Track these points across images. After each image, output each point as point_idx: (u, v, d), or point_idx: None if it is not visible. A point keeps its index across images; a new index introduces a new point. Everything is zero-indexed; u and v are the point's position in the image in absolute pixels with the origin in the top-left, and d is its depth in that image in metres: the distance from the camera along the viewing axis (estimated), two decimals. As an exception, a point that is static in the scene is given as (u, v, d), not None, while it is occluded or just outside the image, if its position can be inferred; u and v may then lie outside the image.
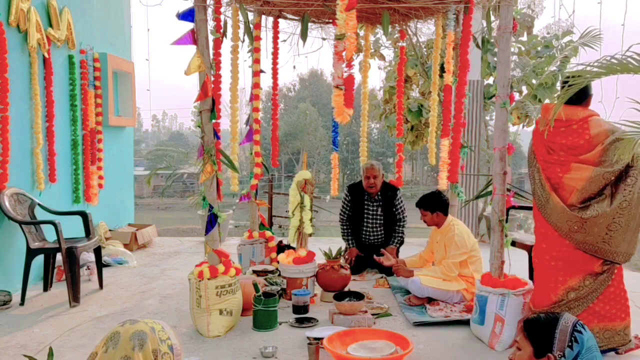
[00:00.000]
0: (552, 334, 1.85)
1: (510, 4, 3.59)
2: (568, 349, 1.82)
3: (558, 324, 1.87)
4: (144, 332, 1.69)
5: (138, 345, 1.66)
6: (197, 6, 3.71)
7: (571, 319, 1.89)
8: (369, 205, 5.31)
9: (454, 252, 4.22)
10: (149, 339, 1.69)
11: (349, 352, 3.20)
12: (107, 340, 1.69)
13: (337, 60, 3.36)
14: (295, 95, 40.11)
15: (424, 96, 7.71)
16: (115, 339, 1.67)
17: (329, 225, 12.95)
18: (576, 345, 1.82)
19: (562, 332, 1.85)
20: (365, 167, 5.27)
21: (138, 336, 1.68)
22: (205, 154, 3.78)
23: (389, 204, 5.28)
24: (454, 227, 4.33)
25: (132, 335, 1.67)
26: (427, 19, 5.57)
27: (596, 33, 4.09)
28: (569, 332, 1.84)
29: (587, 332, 1.86)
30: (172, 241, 7.37)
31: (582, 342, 1.82)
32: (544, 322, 1.89)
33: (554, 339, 1.85)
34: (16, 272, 4.66)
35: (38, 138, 5.07)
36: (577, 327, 1.86)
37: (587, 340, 1.83)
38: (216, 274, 3.73)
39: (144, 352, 1.66)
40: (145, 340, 1.68)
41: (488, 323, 3.53)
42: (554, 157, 3.42)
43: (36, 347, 3.58)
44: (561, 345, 1.83)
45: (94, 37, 6.19)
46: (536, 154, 3.51)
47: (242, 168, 8.40)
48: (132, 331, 1.68)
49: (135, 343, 1.66)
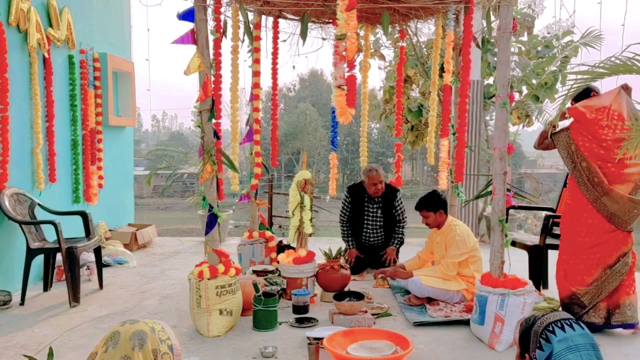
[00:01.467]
0: (529, 335, 1.87)
1: (510, 4, 3.59)
2: (538, 350, 1.82)
3: (534, 325, 1.87)
4: (144, 332, 1.69)
5: (138, 345, 1.66)
6: (197, 6, 3.71)
7: (550, 319, 1.86)
8: (369, 207, 5.30)
9: (454, 252, 4.22)
10: (149, 339, 1.69)
11: (349, 352, 3.20)
12: (107, 340, 1.69)
13: (338, 60, 3.36)
14: (295, 95, 40.10)
15: (424, 96, 7.71)
16: (115, 339, 1.67)
17: (329, 225, 12.95)
18: (547, 346, 1.80)
19: (534, 333, 1.86)
20: (370, 175, 5.17)
21: (138, 336, 1.68)
22: (205, 154, 3.78)
23: (389, 206, 5.27)
24: (455, 228, 4.32)
25: (132, 335, 1.67)
26: (427, 19, 5.56)
27: (597, 33, 4.11)
28: (539, 332, 1.84)
29: (565, 333, 1.80)
30: (172, 241, 7.37)
31: (554, 342, 1.79)
32: (526, 325, 1.92)
33: (529, 340, 1.86)
34: (16, 272, 4.66)
35: (38, 138, 5.07)
36: (550, 327, 1.83)
37: (562, 340, 1.79)
38: (216, 274, 3.73)
39: (143, 352, 1.66)
40: (145, 340, 1.68)
41: (488, 323, 3.53)
42: (609, 154, 3.64)
43: (36, 347, 3.58)
44: (533, 347, 1.84)
45: (94, 37, 6.19)
46: (584, 152, 3.69)
47: (242, 168, 8.40)
48: (132, 331, 1.68)
49: (135, 343, 1.66)
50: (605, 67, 2.44)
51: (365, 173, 5.25)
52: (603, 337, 3.66)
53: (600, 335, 3.66)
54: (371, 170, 5.21)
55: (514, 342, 3.39)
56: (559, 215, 4.87)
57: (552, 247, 4.70)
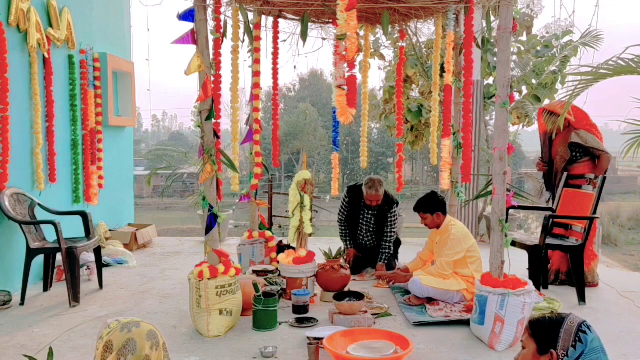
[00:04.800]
0: (557, 333, 1.88)
1: (510, 4, 3.59)
2: (572, 349, 1.84)
3: (564, 324, 1.89)
4: (153, 331, 1.74)
5: (155, 343, 1.71)
6: (197, 6, 3.71)
7: (577, 319, 1.90)
8: (365, 212, 5.30)
9: (448, 251, 4.24)
10: (159, 334, 1.74)
11: (349, 352, 3.20)
12: (119, 349, 1.67)
13: (338, 60, 3.36)
14: (295, 95, 40.06)
15: (423, 96, 7.70)
16: (130, 346, 1.67)
17: (329, 225, 12.94)
18: (580, 346, 1.83)
19: (566, 332, 1.87)
20: (369, 193, 5.08)
21: (152, 335, 1.72)
22: (205, 154, 3.78)
23: (383, 216, 5.25)
24: (451, 228, 4.33)
25: (147, 336, 1.71)
26: (427, 19, 5.56)
27: (597, 34, 4.11)
28: (573, 332, 1.86)
29: (592, 334, 1.87)
30: (172, 241, 7.37)
31: (586, 343, 1.83)
32: (550, 322, 1.92)
33: (558, 338, 1.87)
34: (16, 272, 4.66)
35: (38, 138, 5.07)
36: (582, 327, 1.87)
37: (591, 341, 1.84)
38: (216, 274, 3.73)
39: (158, 348, 1.72)
40: (157, 337, 1.73)
41: (488, 323, 3.53)
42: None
43: (36, 347, 3.58)
44: (565, 345, 1.85)
45: (94, 37, 6.19)
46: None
47: (242, 168, 8.40)
48: (145, 332, 1.72)
49: (152, 342, 1.70)
50: (608, 69, 2.44)
51: (365, 185, 5.14)
52: (603, 337, 3.65)
53: (601, 336, 3.65)
54: (371, 188, 5.08)
55: (517, 342, 3.40)
56: (559, 215, 4.89)
57: (552, 247, 4.71)
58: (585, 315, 4.09)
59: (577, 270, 4.51)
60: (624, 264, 8.32)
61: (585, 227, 4.61)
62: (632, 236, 18.29)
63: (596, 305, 4.46)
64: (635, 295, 4.74)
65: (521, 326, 3.44)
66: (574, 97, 2.82)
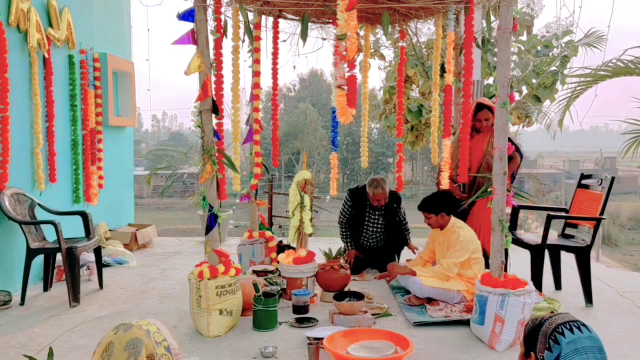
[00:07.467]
0: (536, 335, 1.88)
1: (510, 4, 3.59)
2: (547, 352, 1.83)
3: (543, 326, 1.88)
4: (138, 339, 1.65)
5: (133, 354, 1.62)
6: (197, 6, 3.71)
7: (558, 320, 1.88)
8: (371, 214, 5.27)
9: (456, 253, 4.21)
10: (143, 345, 1.64)
11: (349, 352, 3.20)
12: (102, 352, 1.65)
13: (338, 60, 3.36)
14: (295, 95, 40.07)
15: (424, 96, 7.70)
16: (109, 351, 1.63)
17: (329, 225, 12.95)
18: (556, 347, 1.81)
19: (543, 334, 1.87)
20: (374, 192, 5.07)
21: (132, 344, 1.64)
22: (205, 154, 3.78)
23: (392, 214, 5.25)
24: (459, 231, 4.28)
25: (127, 345, 1.63)
26: (427, 19, 5.56)
27: (600, 34, 4.11)
28: (548, 334, 1.85)
29: (577, 334, 1.83)
30: (172, 241, 7.37)
31: (563, 344, 1.81)
32: (532, 325, 1.93)
33: (537, 341, 1.87)
34: (16, 272, 4.66)
35: (38, 138, 5.07)
36: (559, 329, 1.84)
37: (570, 342, 1.81)
38: (216, 274, 3.73)
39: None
40: (140, 348, 1.64)
41: (488, 323, 3.53)
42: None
43: (36, 347, 3.58)
44: (542, 347, 1.85)
45: (94, 37, 6.19)
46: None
47: (242, 168, 8.40)
48: (125, 340, 1.64)
49: (130, 352, 1.62)
50: (608, 70, 2.44)
51: (370, 186, 5.13)
52: (603, 337, 3.65)
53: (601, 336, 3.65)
54: (377, 187, 5.08)
55: (517, 342, 3.40)
56: (559, 215, 4.88)
57: (551, 247, 4.70)
58: (585, 316, 4.11)
59: (583, 271, 4.49)
60: (624, 264, 8.33)
61: (593, 227, 4.58)
62: (632, 236, 18.30)
63: (596, 305, 4.46)
64: (635, 295, 4.74)
65: (521, 326, 3.44)
66: (573, 98, 2.82)
